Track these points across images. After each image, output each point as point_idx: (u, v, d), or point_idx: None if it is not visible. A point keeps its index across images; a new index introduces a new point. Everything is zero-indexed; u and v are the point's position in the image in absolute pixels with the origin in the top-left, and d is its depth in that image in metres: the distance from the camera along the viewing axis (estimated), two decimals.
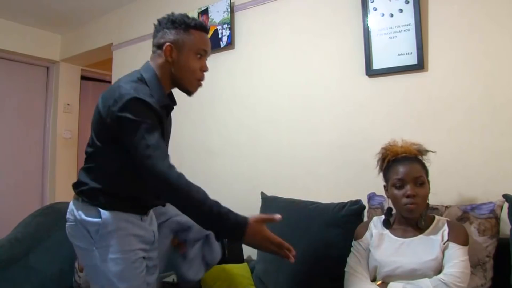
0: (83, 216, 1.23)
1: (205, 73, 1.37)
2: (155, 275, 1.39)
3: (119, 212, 1.23)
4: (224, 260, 1.90)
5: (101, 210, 1.22)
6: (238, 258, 1.99)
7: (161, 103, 1.23)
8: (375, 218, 1.46)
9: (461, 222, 1.40)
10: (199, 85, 1.34)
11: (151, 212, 1.42)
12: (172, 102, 1.37)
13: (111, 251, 1.20)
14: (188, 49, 1.27)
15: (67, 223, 1.30)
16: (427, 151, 1.39)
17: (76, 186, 1.29)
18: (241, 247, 2.04)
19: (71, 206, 1.29)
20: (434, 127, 1.70)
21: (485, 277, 1.33)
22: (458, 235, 1.26)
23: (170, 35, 1.27)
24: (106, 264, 1.20)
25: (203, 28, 1.31)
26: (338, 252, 1.55)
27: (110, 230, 1.20)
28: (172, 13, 1.30)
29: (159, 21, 1.31)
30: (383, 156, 1.41)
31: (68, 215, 1.29)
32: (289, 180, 2.12)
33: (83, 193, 1.25)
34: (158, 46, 1.29)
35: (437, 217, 1.36)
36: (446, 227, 1.29)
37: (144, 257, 1.28)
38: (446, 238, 1.26)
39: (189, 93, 1.34)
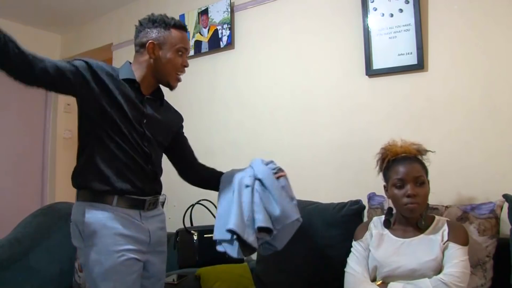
0: (75, 215, 1.26)
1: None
2: (160, 283, 1.38)
3: (109, 207, 1.23)
4: (224, 260, 1.90)
5: (86, 209, 1.22)
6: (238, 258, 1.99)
7: (124, 77, 1.31)
8: (375, 218, 1.46)
9: (461, 222, 1.40)
10: (179, 79, 1.40)
11: (161, 210, 1.42)
12: (158, 94, 1.43)
13: (94, 250, 1.20)
14: (169, 47, 1.33)
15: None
16: (426, 151, 1.39)
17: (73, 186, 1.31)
18: None
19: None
20: (434, 127, 1.70)
21: (485, 277, 1.33)
22: (458, 235, 1.26)
23: (152, 34, 1.32)
24: (91, 263, 1.20)
25: (182, 27, 1.37)
26: (338, 252, 1.55)
27: (94, 229, 1.20)
28: (152, 14, 1.37)
29: (140, 21, 1.37)
30: (382, 156, 1.41)
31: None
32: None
33: (77, 188, 1.28)
34: (141, 45, 1.35)
35: (437, 217, 1.36)
36: (446, 227, 1.29)
37: (138, 259, 1.25)
38: (446, 238, 1.26)
39: (171, 87, 1.39)
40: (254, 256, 2.03)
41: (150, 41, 1.31)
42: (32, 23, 3.44)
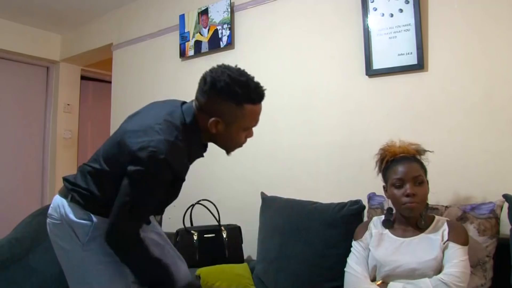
0: (72, 217, 1.21)
1: None
2: (168, 246, 1.42)
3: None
4: (224, 260, 1.90)
5: (92, 214, 1.21)
6: (238, 258, 1.99)
7: (193, 146, 1.22)
8: (375, 218, 1.46)
9: (461, 222, 1.40)
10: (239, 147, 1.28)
11: (151, 217, 1.43)
12: (204, 148, 1.33)
13: (101, 253, 1.19)
14: (237, 126, 1.17)
15: (49, 220, 1.26)
16: (425, 151, 1.40)
17: (71, 183, 1.24)
18: (241, 247, 2.04)
19: (57, 202, 1.24)
20: (434, 127, 1.70)
21: (485, 277, 1.33)
22: (458, 235, 1.26)
23: (219, 107, 1.13)
24: (94, 266, 1.19)
25: (260, 100, 1.19)
26: (338, 252, 1.55)
27: (101, 233, 1.18)
28: (228, 68, 1.17)
29: (211, 82, 1.12)
30: (381, 157, 1.41)
31: (51, 211, 1.25)
32: (289, 180, 2.12)
33: (78, 193, 1.22)
34: (202, 108, 1.15)
35: (437, 217, 1.36)
36: (446, 227, 1.29)
37: None
38: (446, 237, 1.26)
39: (228, 153, 1.29)
40: (254, 256, 2.03)
41: (213, 118, 1.12)
42: (32, 23, 3.44)
